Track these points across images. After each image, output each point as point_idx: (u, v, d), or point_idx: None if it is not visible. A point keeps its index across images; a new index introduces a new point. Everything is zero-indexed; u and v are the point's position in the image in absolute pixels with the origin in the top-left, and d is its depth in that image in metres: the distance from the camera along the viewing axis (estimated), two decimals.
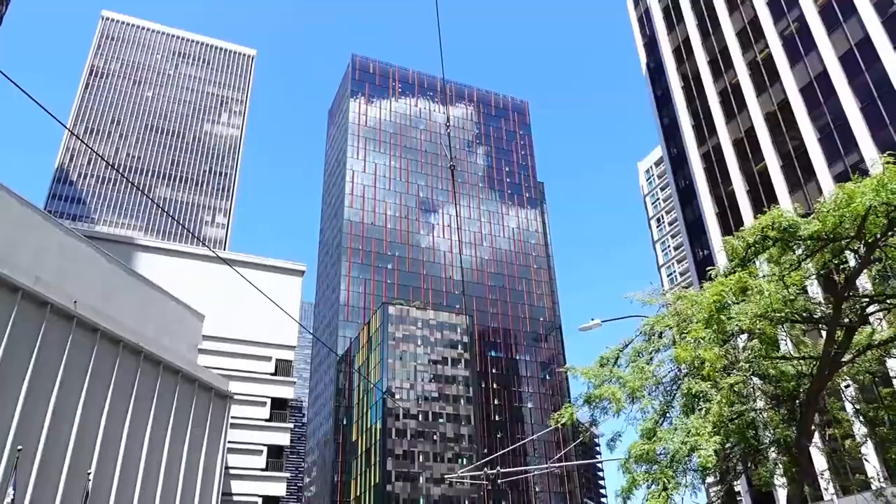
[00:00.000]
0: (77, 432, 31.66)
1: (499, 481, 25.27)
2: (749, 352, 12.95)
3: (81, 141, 23.94)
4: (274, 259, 57.14)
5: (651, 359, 13.08)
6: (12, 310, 29.58)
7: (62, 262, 36.01)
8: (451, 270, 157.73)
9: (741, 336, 13.06)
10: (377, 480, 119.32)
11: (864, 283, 12.80)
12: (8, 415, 28.53)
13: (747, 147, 46.25)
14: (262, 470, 47.66)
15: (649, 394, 12.79)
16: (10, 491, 22.83)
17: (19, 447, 25.45)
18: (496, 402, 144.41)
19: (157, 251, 52.92)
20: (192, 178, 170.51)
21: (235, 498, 45.43)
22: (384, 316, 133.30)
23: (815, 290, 13.85)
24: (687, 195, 54.23)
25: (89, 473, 28.22)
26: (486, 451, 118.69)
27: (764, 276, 11.87)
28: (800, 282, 11.79)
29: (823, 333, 14.24)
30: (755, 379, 13.98)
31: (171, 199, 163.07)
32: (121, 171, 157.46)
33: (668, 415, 12.83)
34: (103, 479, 32.16)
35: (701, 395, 11.23)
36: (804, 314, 11.96)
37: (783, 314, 11.30)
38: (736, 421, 12.42)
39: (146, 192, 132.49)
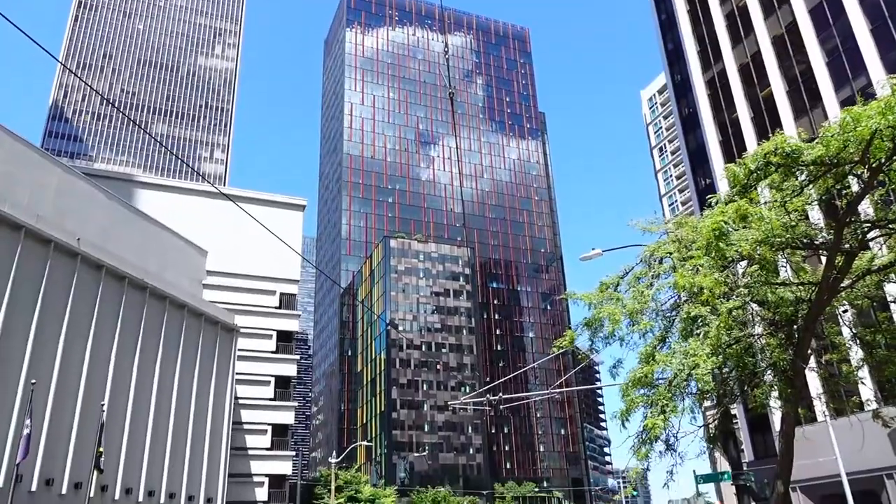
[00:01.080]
0: (88, 366, 32.33)
1: (501, 407, 25.92)
2: (748, 278, 13.06)
3: (75, 74, 23.49)
4: (274, 194, 57.01)
5: (651, 284, 13.21)
6: (16, 249, 29.72)
7: (61, 200, 35.93)
8: (451, 203, 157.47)
9: (741, 263, 13.14)
10: (383, 408, 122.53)
11: (865, 208, 12.78)
12: (20, 350, 29.08)
13: (753, 72, 45.33)
14: (270, 399, 48.89)
15: (649, 319, 12.97)
16: (28, 422, 23.50)
17: (33, 381, 26.05)
18: (498, 332, 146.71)
19: (157, 188, 52.75)
20: (187, 114, 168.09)
21: (246, 426, 46.76)
22: (386, 249, 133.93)
23: (815, 216, 13.85)
24: (690, 123, 53.53)
25: (103, 405, 28.97)
26: (488, 379, 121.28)
27: (765, 202, 11.86)
28: (801, 208, 11.77)
29: (823, 259, 14.30)
30: (753, 305, 14.14)
31: (167, 136, 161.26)
32: (116, 107, 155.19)
33: (666, 340, 13.05)
34: (117, 410, 33.04)
35: (699, 319, 11.38)
36: (805, 240, 11.99)
37: (784, 240, 11.33)
38: (734, 346, 12.60)
39: (143, 128, 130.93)
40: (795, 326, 13.70)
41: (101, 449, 26.18)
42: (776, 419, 25.05)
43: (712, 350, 11.00)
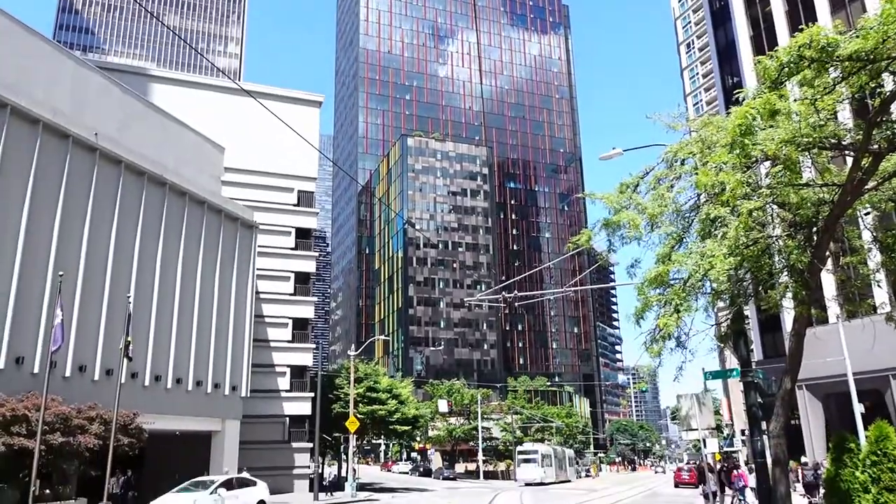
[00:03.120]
0: (113, 259, 33.10)
1: (516, 304, 26.38)
2: (771, 178, 12.84)
3: None
4: (290, 90, 56.05)
5: (672, 186, 13.04)
6: (35, 143, 29.80)
7: (77, 94, 35.62)
8: (470, 101, 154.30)
9: (764, 163, 12.88)
10: (400, 305, 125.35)
11: None
12: (46, 244, 29.75)
13: None
14: (290, 294, 50.06)
15: (669, 222, 12.89)
16: (59, 312, 24.36)
17: (60, 273, 26.78)
18: (514, 232, 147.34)
19: (172, 82, 51.97)
20: (199, 5, 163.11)
21: (268, 319, 48.18)
22: (403, 148, 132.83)
23: (845, 115, 13.41)
24: (720, 17, 51.15)
25: (129, 297, 29.84)
26: (503, 278, 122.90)
27: (795, 100, 11.48)
28: (832, 106, 11.37)
29: (849, 160, 13.98)
30: (774, 206, 13.96)
31: (179, 28, 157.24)
32: None
33: (684, 240, 13.02)
34: (143, 302, 34.09)
35: (719, 220, 11.30)
36: (832, 140, 11.67)
37: (811, 140, 11.04)
38: (751, 247, 12.54)
39: (158, 18, 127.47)
40: (815, 228, 13.57)
41: (129, 338, 27.20)
42: (788, 320, 25.36)
43: (729, 251, 10.96)
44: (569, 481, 71.37)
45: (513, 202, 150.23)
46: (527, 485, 59.63)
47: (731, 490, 20.51)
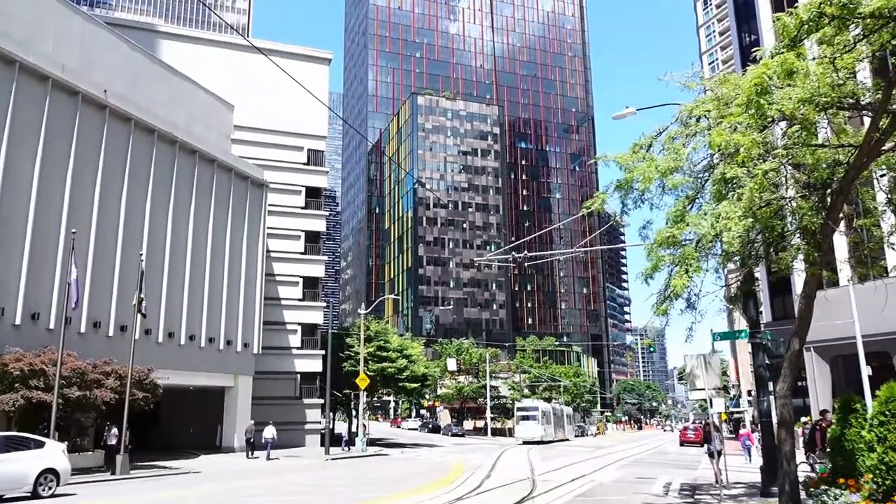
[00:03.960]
0: (125, 217, 33.30)
1: (525, 264, 26.45)
2: (787, 139, 12.67)
3: None
4: (299, 46, 55.41)
5: (686, 144, 12.90)
6: (45, 100, 29.72)
7: (85, 51, 35.38)
8: (481, 59, 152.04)
9: (780, 123, 12.70)
10: (409, 264, 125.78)
11: None
12: (58, 202, 29.91)
13: None
14: (301, 253, 50.30)
15: (682, 179, 12.76)
16: (73, 269, 24.64)
17: (73, 230, 27.00)
18: (524, 192, 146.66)
19: (180, 38, 51.41)
20: None
21: (278, 278, 48.53)
22: (413, 106, 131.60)
23: (864, 75, 13.15)
24: None
25: (141, 254, 30.12)
26: (513, 239, 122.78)
27: (813, 58, 11.26)
28: (851, 65, 11.15)
29: (867, 121, 13.75)
30: (788, 167, 13.81)
31: None
32: None
33: (697, 201, 12.94)
34: (155, 260, 34.39)
35: (734, 180, 11.19)
36: (851, 100, 11.47)
37: (829, 99, 10.85)
38: (764, 209, 12.45)
39: None
40: (829, 190, 13.44)
41: (143, 295, 27.54)
42: (798, 282, 25.31)
43: (744, 213, 10.88)
44: (567, 440, 69.97)
45: (523, 162, 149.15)
46: (525, 443, 57.73)
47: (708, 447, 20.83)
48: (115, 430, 27.78)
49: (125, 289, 32.13)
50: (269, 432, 36.72)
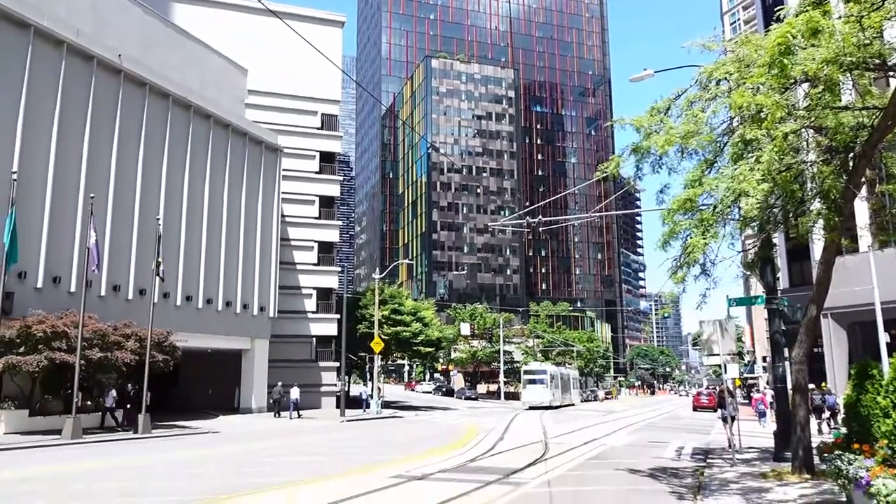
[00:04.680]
0: (141, 182, 33.47)
1: (540, 229, 26.36)
2: (809, 101, 12.41)
3: None
4: (311, 9, 54.73)
5: (705, 108, 12.67)
6: (60, 66, 29.68)
7: (98, 14, 35.16)
8: (496, 21, 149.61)
9: (803, 84, 12.42)
10: (423, 229, 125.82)
11: None
12: (76, 166, 30.08)
13: None
14: (315, 218, 50.44)
15: (700, 144, 12.56)
16: (92, 233, 24.88)
17: (91, 195, 27.18)
18: (539, 157, 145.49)
19: (192, 1, 50.82)
20: None
21: (293, 243, 48.78)
22: (427, 70, 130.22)
23: (892, 34, 12.78)
24: None
25: (158, 219, 30.33)
26: (528, 204, 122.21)
27: (839, 17, 10.96)
28: (879, 24, 10.83)
29: (893, 82, 13.44)
30: (810, 130, 13.56)
31: None
32: None
33: (715, 164, 12.76)
34: (172, 224, 34.63)
35: (753, 143, 11.00)
36: (877, 60, 11.18)
37: (855, 59, 10.58)
38: (784, 173, 12.24)
39: None
40: (852, 154, 13.20)
41: (160, 259, 27.81)
42: (817, 248, 25.05)
43: (763, 177, 10.70)
44: (573, 405, 67.33)
45: (538, 126, 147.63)
46: (531, 408, 54.85)
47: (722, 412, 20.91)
48: (113, 392, 27.93)
49: (143, 253, 32.46)
50: (295, 393, 38.23)
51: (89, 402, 28.43)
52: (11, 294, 25.97)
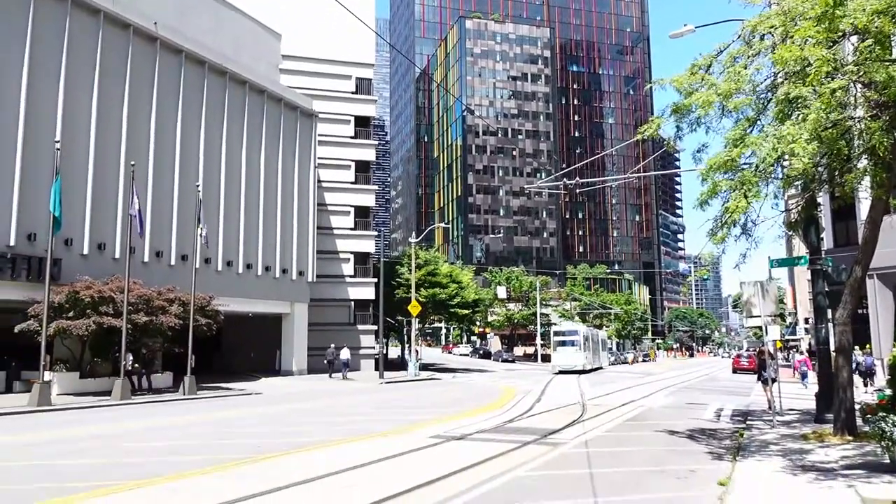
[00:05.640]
0: (180, 149, 33.98)
1: (577, 192, 26.06)
2: (857, 55, 11.92)
3: None
4: None
5: (748, 64, 12.26)
6: (98, 34, 30.03)
7: None
8: None
9: (851, 38, 11.92)
10: (459, 193, 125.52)
11: None
12: (116, 136, 30.63)
13: None
14: (351, 183, 50.68)
15: (743, 102, 12.19)
16: (135, 200, 25.43)
17: (132, 163, 27.71)
18: (576, 118, 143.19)
19: None
20: None
21: (330, 208, 49.17)
22: (461, 31, 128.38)
23: None
24: None
25: (198, 185, 30.81)
26: (564, 166, 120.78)
27: None
28: None
29: None
30: (858, 85, 13.04)
31: None
32: None
33: (758, 122, 12.39)
34: (211, 191, 35.16)
35: (799, 100, 10.63)
36: None
37: None
38: (830, 130, 11.84)
39: None
40: None
41: (201, 225, 28.34)
42: (864, 207, 24.31)
43: (810, 135, 10.35)
44: (601, 368, 61.57)
45: (575, 86, 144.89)
46: (561, 372, 49.58)
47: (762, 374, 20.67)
48: (130, 357, 26.18)
49: (184, 219, 33.10)
50: (345, 354, 39.65)
51: (136, 365, 29.37)
52: (59, 261, 26.80)
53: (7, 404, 21.38)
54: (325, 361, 40.42)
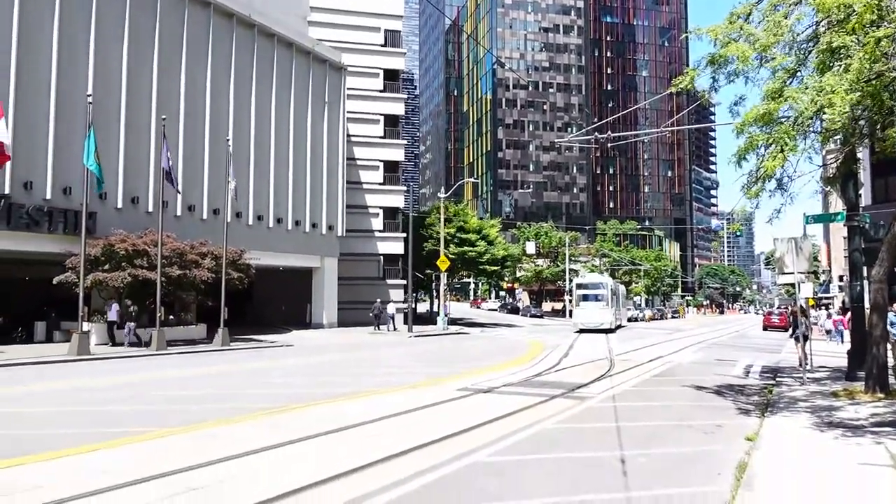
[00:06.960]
0: (210, 103, 34.09)
1: (608, 146, 25.65)
2: None
3: None
4: None
5: (788, 13, 11.81)
6: None
7: None
8: None
9: None
10: (489, 148, 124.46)
11: None
12: (147, 89, 30.81)
13: None
14: (380, 137, 50.49)
15: (782, 53, 11.80)
16: (167, 155, 25.70)
17: (163, 116, 27.93)
18: (609, 70, 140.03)
19: None
20: None
21: (359, 162, 49.16)
22: None
23: None
24: None
25: (228, 140, 30.99)
26: (596, 120, 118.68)
27: None
28: None
29: None
30: None
31: None
32: None
33: (798, 74, 11.99)
34: (241, 145, 35.35)
35: (841, 50, 10.25)
36: None
37: None
38: (873, 81, 11.41)
39: None
40: None
41: (232, 180, 28.60)
42: None
43: (851, 86, 9.99)
44: (621, 326, 54.74)
45: (608, 38, 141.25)
46: (582, 331, 44.16)
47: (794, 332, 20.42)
48: (115, 306, 26.17)
49: (215, 173, 33.42)
50: (391, 308, 41.85)
51: (171, 317, 30.11)
52: (94, 214, 27.33)
53: (49, 353, 22.17)
54: (371, 314, 41.07)
